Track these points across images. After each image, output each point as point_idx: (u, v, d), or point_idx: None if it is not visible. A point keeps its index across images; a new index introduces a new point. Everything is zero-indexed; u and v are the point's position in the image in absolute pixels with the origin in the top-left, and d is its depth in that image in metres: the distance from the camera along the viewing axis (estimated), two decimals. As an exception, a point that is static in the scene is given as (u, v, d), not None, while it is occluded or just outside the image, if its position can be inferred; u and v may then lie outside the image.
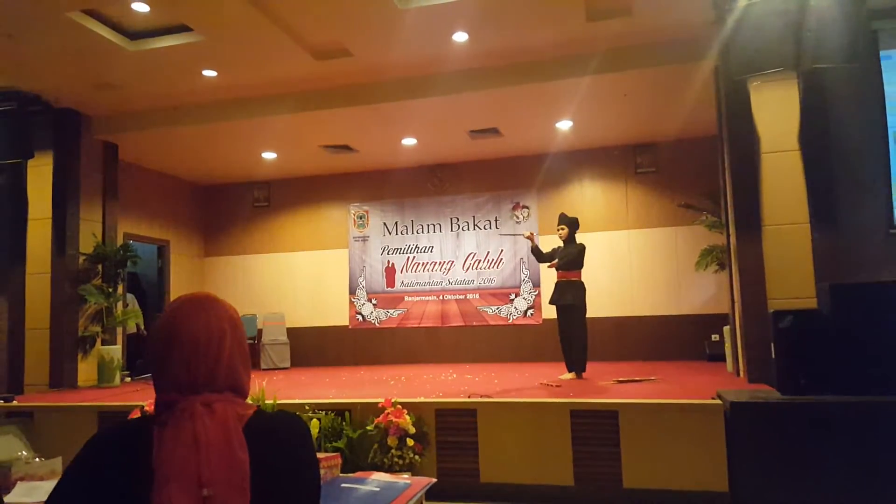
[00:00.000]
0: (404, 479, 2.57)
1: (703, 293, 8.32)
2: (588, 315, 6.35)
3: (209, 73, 6.65)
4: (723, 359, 6.71)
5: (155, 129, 7.65)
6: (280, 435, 1.23)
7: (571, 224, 6.47)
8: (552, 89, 6.76)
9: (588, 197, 9.01)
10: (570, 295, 6.20)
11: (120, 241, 8.17)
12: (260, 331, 9.52)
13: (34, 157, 7.16)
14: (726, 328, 6.32)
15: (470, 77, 6.68)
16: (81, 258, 7.50)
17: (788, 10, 4.81)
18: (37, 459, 3.20)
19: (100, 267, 7.66)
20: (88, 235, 7.61)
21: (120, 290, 7.93)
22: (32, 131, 7.06)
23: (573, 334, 6.18)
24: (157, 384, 1.22)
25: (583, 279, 6.30)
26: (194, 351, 1.20)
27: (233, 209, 10.34)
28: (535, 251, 6.59)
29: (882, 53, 5.37)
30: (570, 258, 6.32)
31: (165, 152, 8.68)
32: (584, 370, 6.22)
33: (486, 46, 6.23)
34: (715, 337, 7.76)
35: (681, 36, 6.00)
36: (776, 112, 5.36)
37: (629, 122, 7.99)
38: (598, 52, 6.28)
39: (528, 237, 6.68)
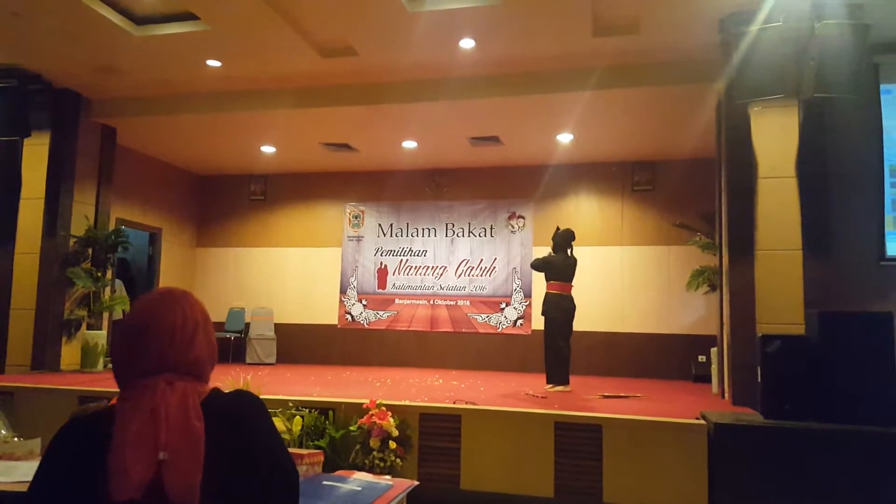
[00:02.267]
0: (386, 480, 2.57)
1: (693, 314, 8.36)
2: (577, 329, 6.39)
3: (213, 63, 6.64)
4: (708, 380, 6.73)
5: (155, 115, 7.62)
6: (236, 410, 1.31)
7: (554, 237, 6.54)
8: (555, 101, 6.80)
9: (584, 211, 9.06)
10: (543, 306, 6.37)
11: (112, 226, 8.12)
12: (247, 325, 9.51)
13: (31, 135, 7.11)
14: (713, 350, 6.34)
15: (474, 84, 6.71)
16: (72, 240, 7.45)
17: (793, 39, 4.87)
18: (15, 439, 3.17)
19: (90, 251, 7.60)
20: (81, 218, 7.56)
21: (109, 275, 7.88)
22: (31, 110, 6.99)
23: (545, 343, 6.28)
24: (125, 371, 1.29)
25: (554, 291, 6.33)
26: (170, 340, 1.28)
27: (228, 201, 10.32)
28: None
29: (882, 87, 5.45)
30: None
31: (164, 139, 8.65)
32: (554, 382, 6.16)
33: (492, 55, 6.26)
34: (702, 358, 7.78)
35: (685, 57, 6.05)
36: (775, 138, 5.40)
37: (629, 138, 8.03)
38: (602, 68, 6.32)
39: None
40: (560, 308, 6.23)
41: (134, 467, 1.15)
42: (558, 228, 6.62)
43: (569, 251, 6.47)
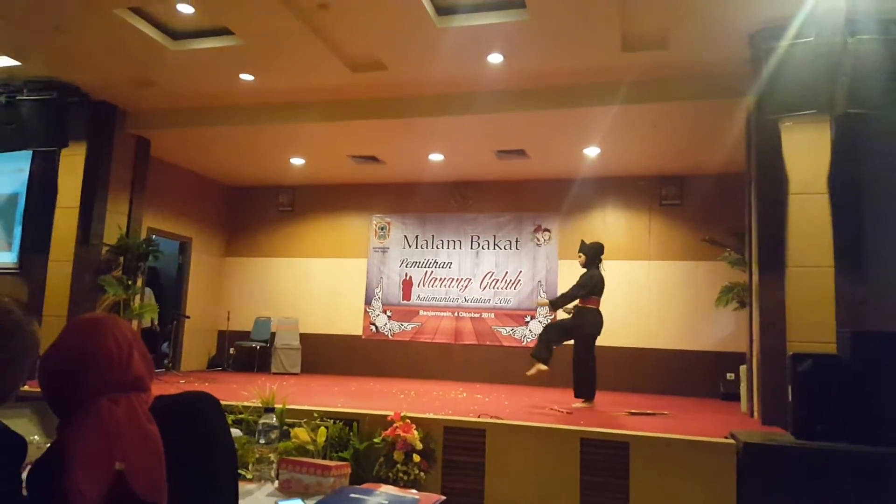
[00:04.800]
0: (412, 494, 2.57)
1: (721, 330, 8.26)
2: (604, 344, 6.32)
3: (246, 77, 6.76)
4: (737, 398, 6.63)
5: (188, 127, 7.78)
6: (185, 407, 1.36)
7: (588, 251, 6.39)
8: (582, 115, 6.81)
9: (611, 225, 9.03)
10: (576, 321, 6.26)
11: (143, 235, 8.29)
12: (273, 334, 9.57)
13: (68, 146, 7.29)
14: (742, 367, 6.25)
15: (501, 98, 6.73)
16: (104, 249, 7.60)
17: (825, 54, 4.83)
18: (48, 445, 3.25)
19: (121, 259, 7.74)
20: (113, 227, 7.71)
21: (139, 283, 8.02)
22: (68, 121, 7.18)
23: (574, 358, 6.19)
24: (63, 399, 1.29)
25: (591, 307, 6.22)
26: (108, 367, 1.30)
27: (257, 212, 10.46)
28: (556, 303, 6.42)
29: (917, 103, 5.34)
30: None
31: (196, 151, 8.80)
32: (584, 397, 6.11)
33: (520, 69, 6.28)
34: (730, 375, 7.69)
35: (715, 72, 6.02)
36: (807, 154, 5.33)
37: (657, 153, 8.00)
38: (630, 82, 6.31)
39: (541, 304, 6.66)
40: (596, 324, 6.17)
41: (88, 486, 1.17)
42: (583, 242, 6.56)
43: (599, 265, 6.36)
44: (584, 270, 6.34)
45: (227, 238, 10.51)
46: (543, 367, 6.14)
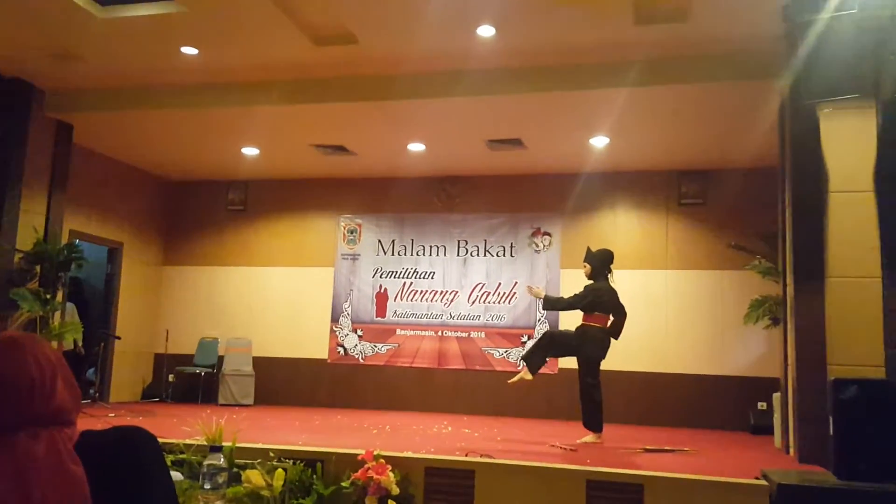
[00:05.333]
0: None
1: (751, 352, 8.35)
2: (614, 368, 6.48)
3: (189, 50, 6.71)
4: (770, 431, 6.72)
5: (119, 110, 7.75)
6: (118, 448, 1.37)
7: (593, 260, 6.43)
8: (588, 99, 6.87)
9: (622, 228, 9.10)
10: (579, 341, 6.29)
11: (65, 240, 8.21)
12: (221, 358, 9.57)
13: (-28, 132, 7.19)
14: (776, 396, 6.35)
15: (493, 78, 6.76)
16: (17, 256, 7.52)
17: (872, 29, 4.88)
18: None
19: (38, 268, 7.67)
20: (28, 230, 7.62)
21: (59, 297, 7.95)
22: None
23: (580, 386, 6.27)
24: None
25: (596, 324, 6.30)
26: (29, 395, 1.29)
27: (202, 211, 10.42)
28: (550, 302, 6.61)
29: (977, 86, 5.42)
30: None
31: (129, 139, 8.74)
32: (591, 429, 6.19)
33: (515, 44, 6.30)
34: (762, 405, 7.82)
35: (742, 49, 6.07)
36: (849, 145, 5.39)
37: (675, 144, 8.08)
38: (644, 61, 6.34)
39: (535, 293, 6.72)
40: (603, 346, 6.22)
41: None
42: (589, 250, 6.59)
43: (608, 276, 6.41)
44: (590, 282, 6.40)
45: (166, 243, 10.47)
46: (528, 377, 6.21)
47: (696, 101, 6.81)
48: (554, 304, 6.72)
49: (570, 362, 6.79)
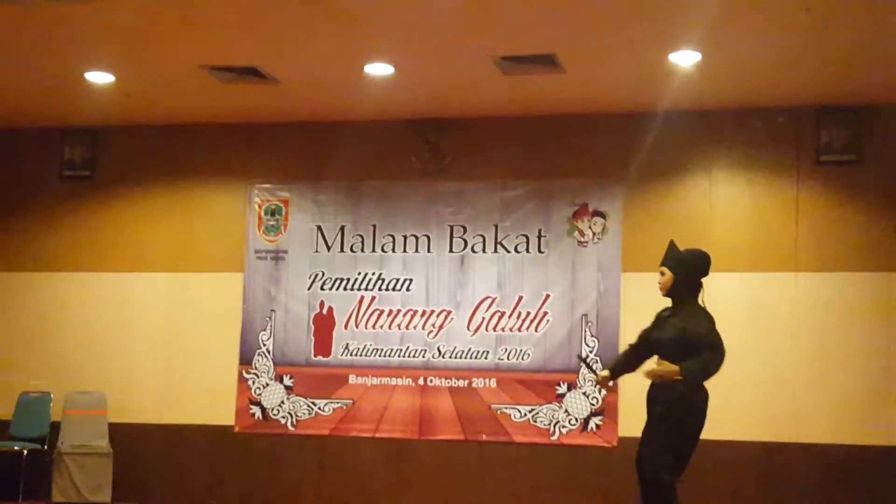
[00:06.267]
0: None
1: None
2: (708, 437, 6.02)
3: None
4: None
5: None
6: None
7: (683, 265, 6.10)
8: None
9: (722, 205, 8.73)
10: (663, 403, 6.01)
11: None
12: (55, 426, 9.15)
13: None
14: None
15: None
16: None
17: None
18: None
19: None
20: None
21: None
22: None
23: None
24: None
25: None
26: None
27: (19, 180, 10.02)
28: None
29: None
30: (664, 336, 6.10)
31: None
32: None
33: None
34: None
35: None
36: None
37: (810, 63, 7.74)
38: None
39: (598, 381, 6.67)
40: (694, 408, 5.90)
41: None
42: (673, 246, 6.20)
43: (701, 296, 6.15)
44: (671, 302, 6.16)
45: None
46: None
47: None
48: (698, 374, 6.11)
49: (632, 427, 6.64)
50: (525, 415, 8.66)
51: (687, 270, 6.03)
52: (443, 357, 8.89)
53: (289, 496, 8.94)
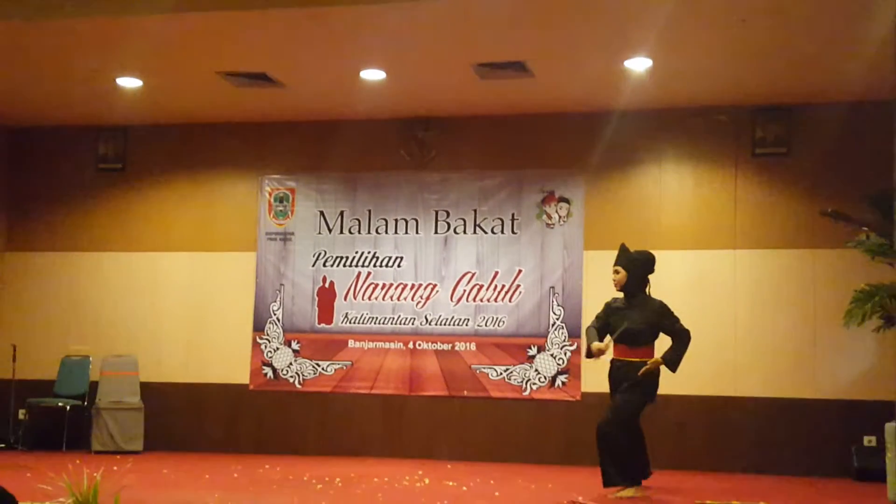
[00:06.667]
0: None
1: (854, 365, 8.33)
2: (661, 392, 6.48)
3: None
4: (882, 478, 6.61)
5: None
6: None
7: (633, 264, 6.50)
8: (620, 2, 6.79)
9: (671, 191, 9.06)
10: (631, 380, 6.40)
11: None
12: (94, 385, 9.45)
13: None
14: (889, 427, 6.28)
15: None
16: None
17: None
18: None
19: None
20: None
21: None
22: None
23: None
24: None
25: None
26: None
27: (60, 172, 10.26)
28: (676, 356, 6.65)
29: None
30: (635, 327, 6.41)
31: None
32: (638, 478, 6.30)
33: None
34: (869, 440, 7.84)
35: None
36: None
37: (746, 68, 8.00)
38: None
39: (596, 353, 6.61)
40: (655, 378, 6.47)
41: None
42: (625, 249, 6.62)
43: (647, 289, 6.58)
44: (622, 295, 6.54)
45: (8, 220, 10.38)
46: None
47: (776, 6, 6.69)
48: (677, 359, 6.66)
49: (596, 384, 6.78)
50: (501, 374, 9.09)
51: (637, 268, 6.49)
52: (429, 324, 9.31)
53: (296, 444, 9.26)
